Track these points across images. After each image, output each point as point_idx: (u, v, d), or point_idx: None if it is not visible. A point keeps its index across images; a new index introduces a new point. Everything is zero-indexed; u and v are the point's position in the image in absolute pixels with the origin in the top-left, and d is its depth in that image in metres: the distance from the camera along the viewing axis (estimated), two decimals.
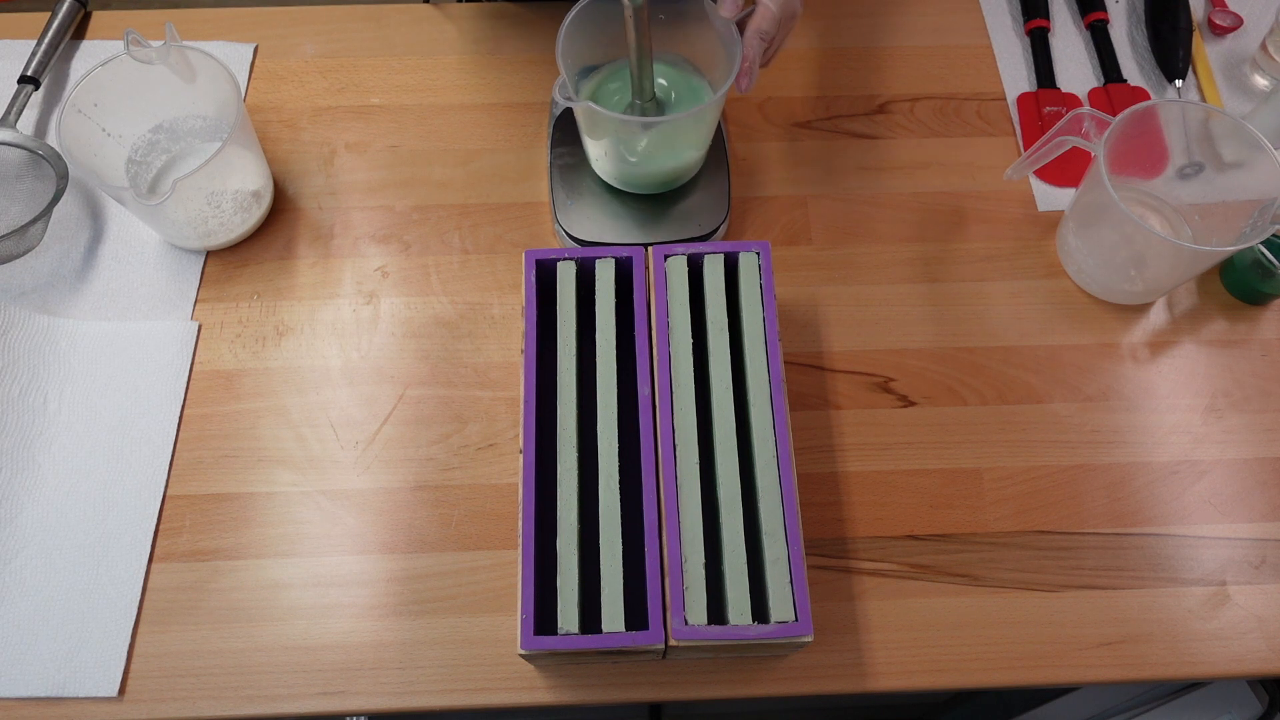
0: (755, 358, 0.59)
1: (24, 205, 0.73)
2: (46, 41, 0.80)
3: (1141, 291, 0.71)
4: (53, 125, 0.78)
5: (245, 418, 0.67)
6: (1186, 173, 0.72)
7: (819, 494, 0.65)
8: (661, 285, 0.60)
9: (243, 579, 0.62)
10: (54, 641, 0.60)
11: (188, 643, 0.60)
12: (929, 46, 0.85)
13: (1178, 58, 0.81)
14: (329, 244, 0.74)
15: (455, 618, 0.61)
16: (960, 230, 0.76)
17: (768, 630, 0.51)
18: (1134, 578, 0.63)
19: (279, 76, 0.82)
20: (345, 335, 0.71)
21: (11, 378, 0.66)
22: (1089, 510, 0.65)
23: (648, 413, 0.57)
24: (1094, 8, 0.85)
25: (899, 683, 0.60)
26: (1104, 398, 0.69)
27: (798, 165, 0.79)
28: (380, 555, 0.63)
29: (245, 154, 0.71)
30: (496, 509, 0.64)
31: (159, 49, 0.68)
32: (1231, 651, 0.61)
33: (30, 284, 0.72)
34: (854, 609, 0.62)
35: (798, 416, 0.68)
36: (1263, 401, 0.69)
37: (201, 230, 0.71)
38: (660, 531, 0.54)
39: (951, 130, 0.81)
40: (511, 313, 0.72)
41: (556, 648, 0.50)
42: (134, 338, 0.69)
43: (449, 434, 0.67)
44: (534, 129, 0.80)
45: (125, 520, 0.63)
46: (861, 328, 0.71)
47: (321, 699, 0.59)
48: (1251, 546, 0.64)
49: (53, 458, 0.65)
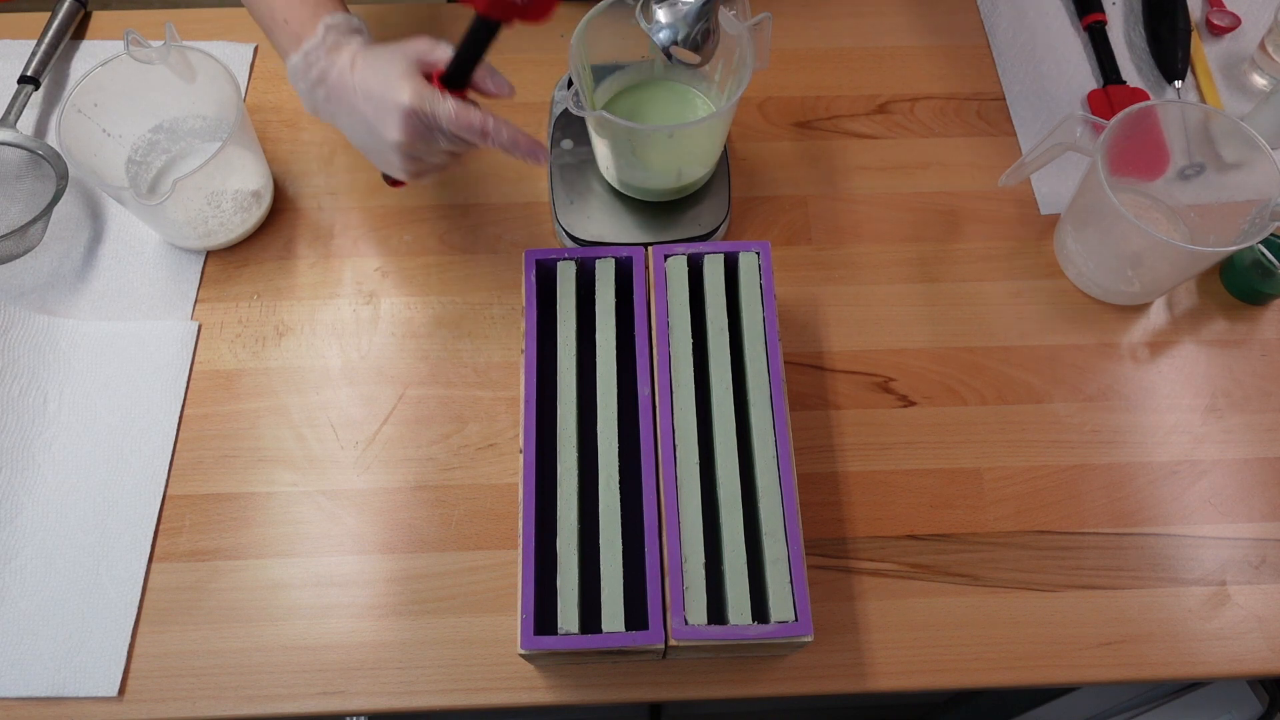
0: (755, 358, 0.59)
1: (24, 205, 0.73)
2: (46, 41, 0.80)
3: (1140, 292, 0.71)
4: (53, 125, 0.78)
5: (245, 418, 0.67)
6: (1188, 174, 0.72)
7: (819, 494, 0.65)
8: (661, 285, 0.60)
9: (243, 579, 0.62)
10: (54, 641, 0.60)
11: (188, 643, 0.60)
12: (929, 46, 0.85)
13: (1176, 59, 0.81)
14: (329, 244, 0.74)
15: (455, 618, 0.61)
16: (960, 230, 0.76)
17: (768, 630, 0.51)
18: (1134, 578, 0.63)
19: (279, 76, 0.82)
20: (345, 335, 0.71)
21: (11, 378, 0.66)
22: (1089, 510, 0.65)
23: (648, 413, 0.57)
24: (1092, 9, 0.85)
25: (899, 683, 0.60)
26: (1104, 398, 0.69)
27: (798, 165, 0.79)
28: (380, 555, 0.63)
29: (245, 154, 0.71)
30: (496, 509, 0.64)
31: (159, 49, 0.68)
32: (1231, 651, 0.61)
33: (30, 284, 0.72)
34: (854, 609, 0.62)
35: (798, 416, 0.68)
36: (1263, 401, 0.69)
37: (201, 230, 0.71)
38: (660, 531, 0.54)
39: (951, 130, 0.81)
40: (511, 313, 0.72)
41: (556, 648, 0.51)
42: (134, 338, 0.69)
43: (449, 434, 0.67)
44: (534, 129, 0.80)
45: (125, 520, 0.63)
46: (861, 328, 0.71)
47: (321, 699, 0.59)
48: (1251, 546, 0.64)
49: (53, 458, 0.65)
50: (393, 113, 0.57)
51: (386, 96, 0.57)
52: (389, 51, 0.58)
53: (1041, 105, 0.82)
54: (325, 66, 0.60)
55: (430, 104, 0.56)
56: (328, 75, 0.60)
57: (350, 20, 0.62)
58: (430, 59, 0.58)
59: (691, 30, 0.59)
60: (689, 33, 0.59)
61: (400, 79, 0.56)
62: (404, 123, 0.57)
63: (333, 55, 0.60)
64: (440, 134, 0.58)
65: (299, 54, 0.60)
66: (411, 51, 0.58)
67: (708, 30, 0.60)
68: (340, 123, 0.62)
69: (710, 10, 0.59)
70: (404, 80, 0.56)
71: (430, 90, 0.57)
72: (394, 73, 0.57)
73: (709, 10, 0.59)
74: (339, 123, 0.62)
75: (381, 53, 0.59)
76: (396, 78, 0.57)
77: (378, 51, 0.59)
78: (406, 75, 0.57)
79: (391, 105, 0.56)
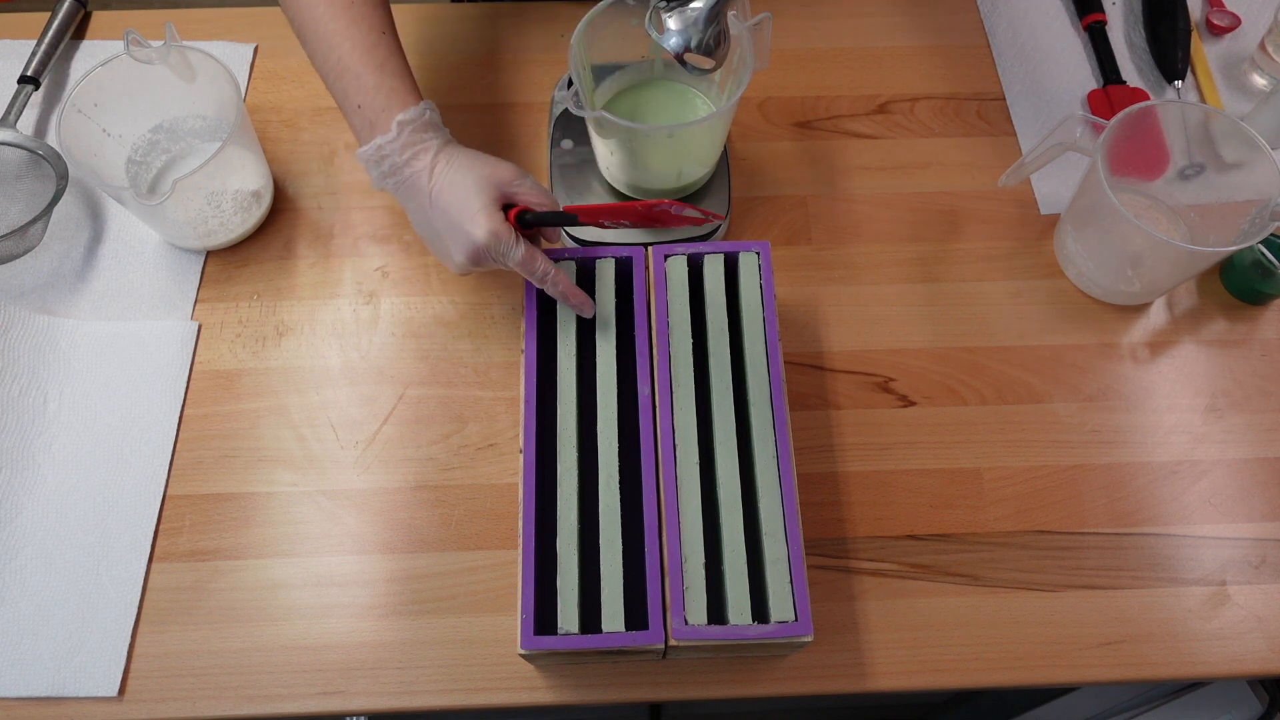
0: (755, 358, 0.59)
1: (24, 205, 0.73)
2: (46, 41, 0.80)
3: (1140, 292, 0.71)
4: (53, 125, 0.78)
5: (245, 418, 0.67)
6: (1188, 174, 0.72)
7: (819, 494, 0.65)
8: (661, 285, 0.61)
9: (243, 579, 0.62)
10: (54, 641, 0.60)
11: (188, 643, 0.60)
12: (929, 46, 0.85)
13: (1176, 59, 0.81)
14: (329, 244, 0.74)
15: (455, 618, 0.61)
16: (960, 230, 0.76)
17: (768, 630, 0.51)
18: (1134, 578, 0.63)
19: (279, 76, 0.82)
20: (345, 335, 0.71)
21: (11, 378, 0.66)
22: (1089, 510, 0.65)
23: (648, 413, 0.57)
24: (1092, 9, 0.85)
25: (899, 683, 0.60)
26: (1104, 398, 0.69)
27: (798, 165, 0.79)
28: (380, 555, 0.63)
29: (245, 154, 0.71)
30: (496, 509, 0.64)
31: (159, 49, 0.68)
32: (1231, 651, 0.61)
33: (30, 284, 0.72)
34: (854, 609, 0.62)
35: (798, 416, 0.68)
36: (1263, 401, 0.69)
37: (201, 230, 0.71)
38: (660, 531, 0.54)
39: (951, 130, 0.81)
40: (511, 313, 0.72)
41: (556, 648, 0.51)
42: (134, 338, 0.69)
43: (449, 434, 0.67)
44: (534, 129, 0.80)
45: (125, 520, 0.63)
46: (861, 328, 0.71)
47: (321, 699, 0.59)
48: (1251, 546, 0.64)
49: (53, 458, 0.65)
50: (464, 241, 0.57)
51: (463, 226, 0.57)
52: (472, 177, 0.58)
53: (1041, 105, 0.82)
54: (398, 163, 0.59)
55: (503, 246, 0.57)
56: (400, 173, 0.59)
57: (423, 112, 0.59)
58: (509, 191, 0.58)
59: (704, 35, 0.59)
60: (701, 38, 0.59)
61: (479, 213, 0.56)
62: (472, 253, 0.57)
63: (407, 154, 0.58)
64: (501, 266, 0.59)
65: (371, 146, 0.59)
66: (495, 180, 0.58)
67: (720, 34, 0.61)
68: (407, 210, 0.61)
69: (720, 13, 0.59)
70: (483, 215, 0.56)
71: (506, 230, 0.57)
72: (474, 204, 0.57)
73: (719, 13, 0.59)
74: (405, 208, 0.62)
75: (464, 175, 0.58)
76: (476, 211, 0.57)
77: (459, 169, 0.58)
78: (486, 211, 0.57)
79: (465, 235, 0.57)
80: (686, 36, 0.59)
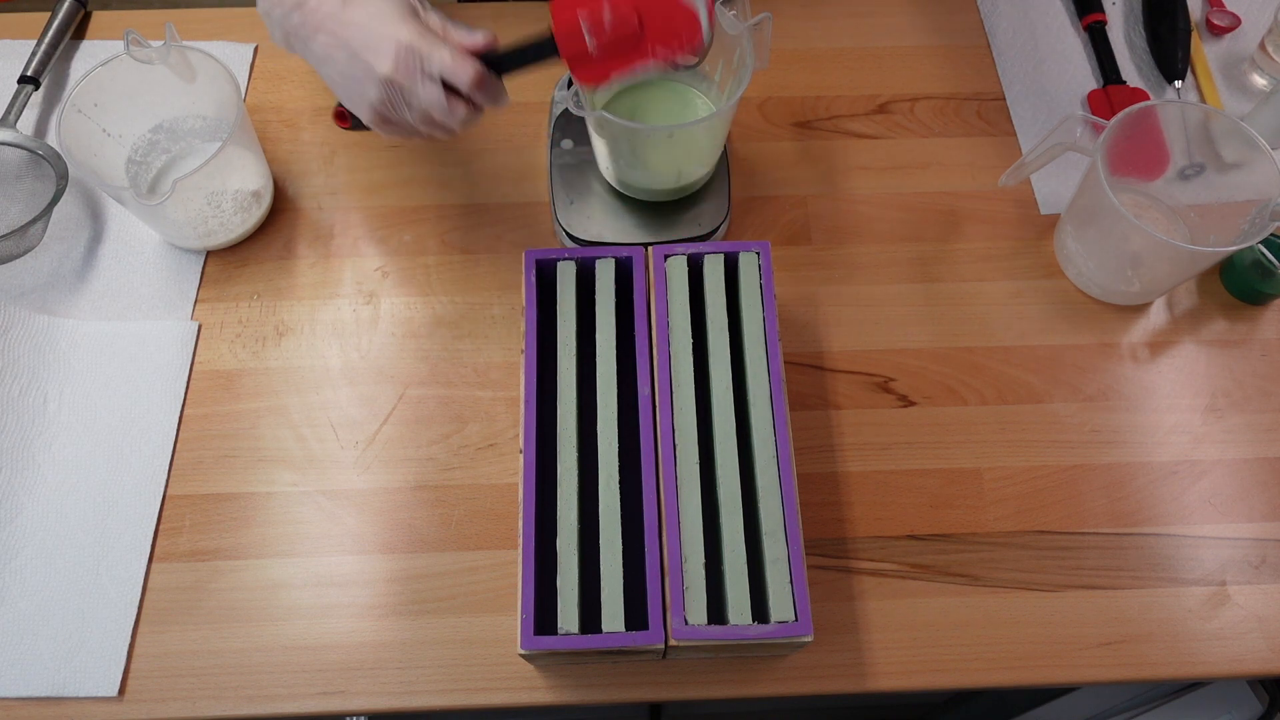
0: (755, 358, 0.59)
1: (24, 205, 0.73)
2: (46, 41, 0.80)
3: (1140, 292, 0.71)
4: (53, 125, 0.78)
5: (245, 418, 0.67)
6: (1188, 174, 0.72)
7: (819, 494, 0.65)
8: (661, 285, 0.60)
9: (243, 579, 0.62)
10: (54, 641, 0.60)
11: (188, 643, 0.60)
12: (929, 46, 0.85)
13: (1176, 59, 0.81)
14: (329, 244, 0.74)
15: (455, 618, 0.61)
16: (960, 230, 0.76)
17: (768, 630, 0.51)
18: (1134, 578, 0.63)
19: (279, 76, 0.82)
20: (345, 335, 0.71)
21: (11, 378, 0.66)
22: (1089, 510, 0.65)
23: (648, 413, 0.57)
24: (1092, 9, 0.85)
25: (899, 683, 0.60)
26: (1104, 398, 0.69)
27: (798, 165, 0.79)
28: (380, 555, 0.63)
29: (245, 154, 0.71)
30: (496, 509, 0.64)
31: (159, 49, 0.68)
32: (1231, 651, 0.61)
33: (30, 284, 0.72)
34: (854, 609, 0.62)
35: (798, 416, 0.68)
36: (1263, 401, 0.69)
37: (201, 230, 0.71)
38: (660, 531, 0.54)
39: (951, 130, 0.81)
40: (511, 313, 0.72)
41: (556, 648, 0.50)
42: (134, 338, 0.69)
43: (449, 434, 0.67)
44: (534, 129, 0.80)
45: (125, 520, 0.63)
46: (861, 328, 0.71)
47: (321, 699, 0.59)
48: (1251, 546, 0.64)
49: (53, 458, 0.65)
50: (386, 43, 0.54)
51: (382, 30, 0.54)
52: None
53: (1041, 105, 0.82)
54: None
55: (428, 45, 0.54)
56: (304, 6, 0.57)
57: None
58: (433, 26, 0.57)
59: None
60: None
61: (400, 19, 0.55)
62: (397, 56, 0.54)
63: None
64: (426, 81, 0.55)
65: None
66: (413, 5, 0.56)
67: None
68: (314, 50, 0.58)
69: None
70: (403, 21, 0.55)
71: (430, 33, 0.55)
72: (392, 12, 0.55)
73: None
74: (312, 50, 0.59)
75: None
76: (395, 17, 0.55)
77: None
78: (406, 17, 0.55)
79: (387, 37, 0.54)
80: None
